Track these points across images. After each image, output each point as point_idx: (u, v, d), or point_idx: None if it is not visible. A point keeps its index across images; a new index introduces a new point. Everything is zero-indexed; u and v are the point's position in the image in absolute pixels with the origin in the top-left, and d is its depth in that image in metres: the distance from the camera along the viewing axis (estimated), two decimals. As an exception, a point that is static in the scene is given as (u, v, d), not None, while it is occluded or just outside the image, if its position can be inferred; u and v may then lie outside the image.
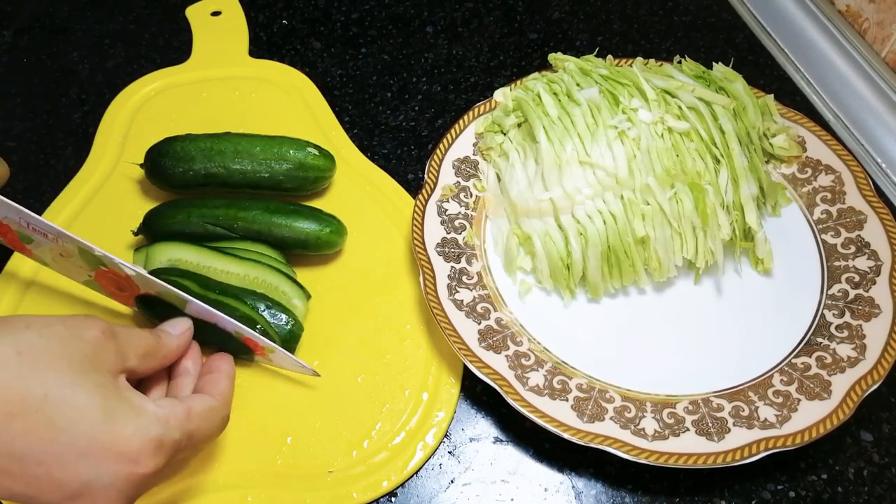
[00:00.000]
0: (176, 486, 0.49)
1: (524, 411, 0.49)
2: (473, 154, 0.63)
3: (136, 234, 0.60)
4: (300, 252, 0.59)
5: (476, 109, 0.65)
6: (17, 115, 0.72)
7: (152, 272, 0.55)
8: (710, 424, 0.49)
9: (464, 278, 0.56)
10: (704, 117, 0.57)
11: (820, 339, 0.53)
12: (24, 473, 0.37)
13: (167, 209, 0.59)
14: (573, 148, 0.56)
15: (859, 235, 0.58)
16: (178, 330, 0.48)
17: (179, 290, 0.49)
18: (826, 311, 0.55)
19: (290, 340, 0.53)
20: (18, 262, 0.59)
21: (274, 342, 0.52)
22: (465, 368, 0.54)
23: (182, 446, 0.41)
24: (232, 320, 0.50)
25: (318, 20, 0.81)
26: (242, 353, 0.52)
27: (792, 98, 0.73)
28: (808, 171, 0.62)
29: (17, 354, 0.38)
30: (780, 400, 0.50)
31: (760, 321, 0.56)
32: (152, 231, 0.59)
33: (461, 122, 0.64)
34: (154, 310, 0.52)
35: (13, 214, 0.48)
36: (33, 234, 0.50)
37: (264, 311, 0.53)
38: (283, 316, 0.53)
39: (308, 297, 0.56)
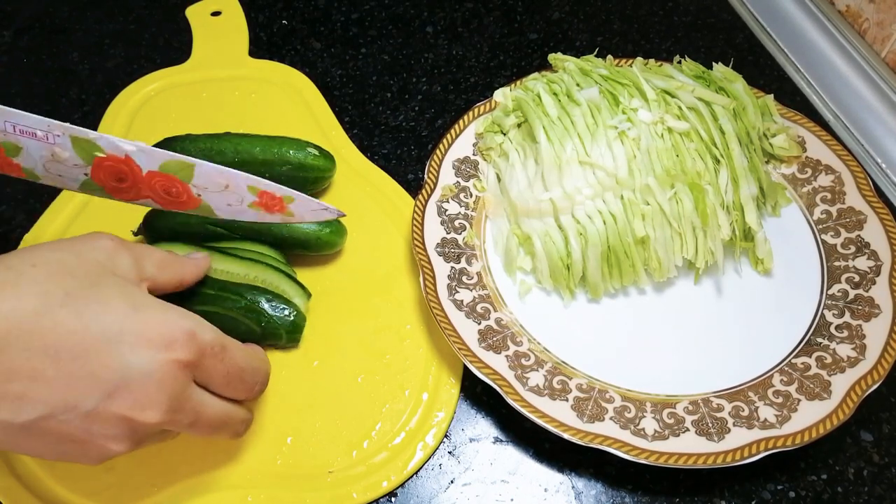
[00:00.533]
0: (176, 486, 0.49)
1: (524, 411, 0.49)
2: (473, 154, 0.63)
3: (135, 234, 0.60)
4: (300, 252, 0.59)
5: (476, 109, 0.65)
6: (17, 115, 0.72)
7: None
8: (710, 424, 0.49)
9: (464, 278, 0.56)
10: (704, 117, 0.57)
11: (820, 340, 0.54)
12: (60, 374, 0.36)
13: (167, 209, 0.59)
14: (573, 148, 0.56)
15: (859, 235, 0.58)
16: (194, 255, 0.47)
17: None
18: (826, 311, 0.55)
19: (293, 331, 0.53)
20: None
21: (279, 335, 0.51)
22: (465, 368, 0.54)
23: (216, 352, 0.40)
24: (244, 174, 0.47)
25: (318, 20, 0.81)
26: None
27: (792, 98, 0.74)
28: (807, 172, 0.62)
29: (32, 266, 0.37)
30: (780, 400, 0.50)
31: (760, 321, 0.56)
32: (152, 231, 0.59)
33: (461, 122, 0.64)
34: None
35: None
36: (21, 139, 0.46)
37: (265, 304, 0.53)
38: (286, 308, 0.53)
39: (308, 296, 0.56)
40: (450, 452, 0.52)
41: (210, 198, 0.48)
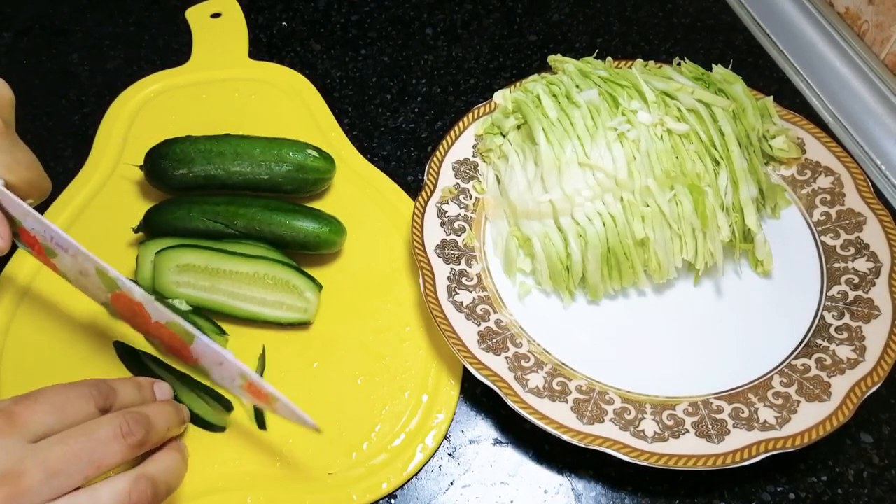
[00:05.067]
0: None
1: (524, 413, 0.49)
2: (473, 156, 0.63)
3: (136, 230, 0.60)
4: (300, 252, 0.59)
5: (476, 111, 0.65)
6: (17, 116, 0.71)
7: (159, 290, 0.55)
8: (710, 426, 0.49)
9: (463, 280, 0.56)
10: (704, 119, 0.57)
11: (819, 341, 0.54)
12: None
13: (167, 206, 0.59)
14: (573, 150, 0.56)
15: (859, 237, 0.58)
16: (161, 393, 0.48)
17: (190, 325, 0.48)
18: (826, 313, 0.55)
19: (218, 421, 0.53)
20: (16, 267, 0.59)
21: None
22: (465, 370, 0.54)
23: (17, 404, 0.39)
24: (238, 363, 0.47)
25: (317, 22, 0.81)
26: (215, 425, 0.52)
27: (791, 100, 0.74)
28: (807, 173, 0.62)
29: None
30: (779, 402, 0.50)
31: (760, 323, 0.56)
32: (153, 228, 0.59)
33: (461, 123, 0.64)
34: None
35: (40, 227, 0.48)
36: (56, 249, 0.49)
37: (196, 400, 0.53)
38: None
39: (319, 287, 0.56)
40: (449, 454, 0.52)
41: (206, 365, 0.49)
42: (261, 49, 0.78)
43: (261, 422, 0.52)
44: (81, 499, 0.37)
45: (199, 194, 0.61)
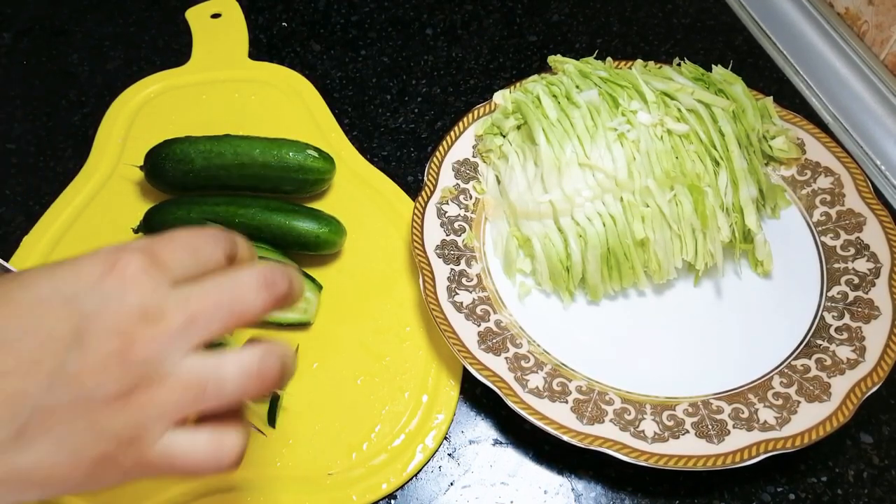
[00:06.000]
0: (175, 489, 0.49)
1: (524, 413, 0.49)
2: (473, 156, 0.63)
3: (136, 231, 0.60)
4: (299, 252, 0.59)
5: (475, 112, 0.65)
6: (17, 117, 0.72)
7: None
8: (710, 426, 0.49)
9: (463, 280, 0.56)
10: (704, 119, 0.57)
11: (819, 341, 0.53)
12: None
13: (167, 206, 0.59)
14: (572, 150, 0.56)
15: (858, 237, 0.58)
16: None
17: None
18: (826, 313, 0.55)
19: None
20: (16, 266, 0.59)
21: None
22: (465, 371, 0.54)
23: (164, 242, 0.34)
24: None
25: (317, 23, 0.81)
26: None
27: (791, 100, 0.74)
28: (807, 174, 0.62)
29: None
30: (779, 402, 0.50)
31: (760, 323, 0.56)
32: (153, 228, 0.59)
33: (461, 124, 0.64)
34: None
35: None
36: None
37: None
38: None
39: (319, 287, 0.56)
40: (449, 454, 0.52)
41: None
42: (261, 49, 0.78)
43: (272, 420, 0.52)
44: (209, 362, 0.33)
45: (199, 194, 0.61)
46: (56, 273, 0.33)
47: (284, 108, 0.72)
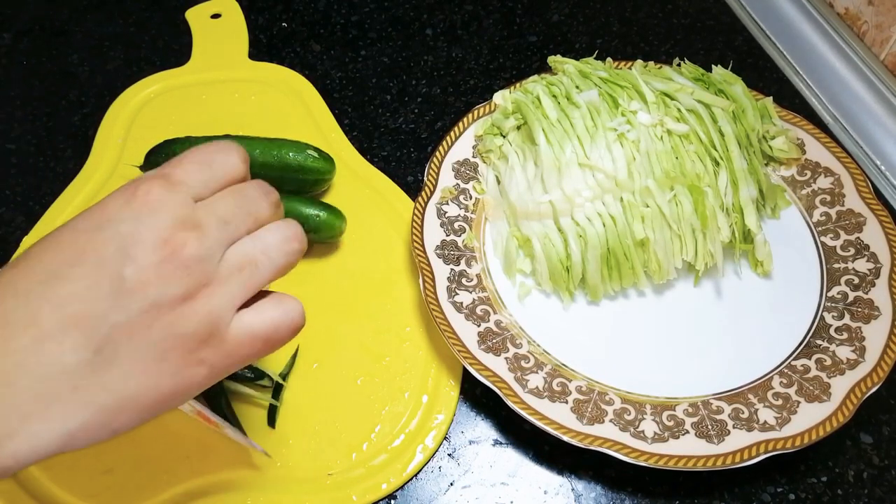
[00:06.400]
0: (174, 489, 0.49)
1: (524, 414, 0.49)
2: (473, 156, 0.63)
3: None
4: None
5: (475, 112, 0.65)
6: (17, 117, 0.72)
7: None
8: (710, 427, 0.49)
9: (463, 280, 0.56)
10: (704, 120, 0.57)
11: (819, 342, 0.54)
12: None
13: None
14: (572, 150, 0.56)
15: (858, 238, 0.58)
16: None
17: None
18: (825, 314, 0.55)
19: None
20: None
21: None
22: (465, 371, 0.54)
23: (197, 160, 0.37)
24: None
25: (317, 23, 0.81)
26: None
27: (791, 100, 0.74)
28: (807, 174, 0.62)
29: None
30: (779, 402, 0.50)
31: (760, 323, 0.56)
32: None
33: (460, 124, 0.64)
34: None
35: None
36: None
37: None
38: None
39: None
40: (449, 455, 0.52)
41: None
42: (261, 50, 0.78)
43: (272, 420, 0.52)
44: (249, 243, 0.37)
45: None
46: (85, 213, 0.35)
47: (284, 108, 0.72)
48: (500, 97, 0.65)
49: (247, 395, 0.53)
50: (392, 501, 0.50)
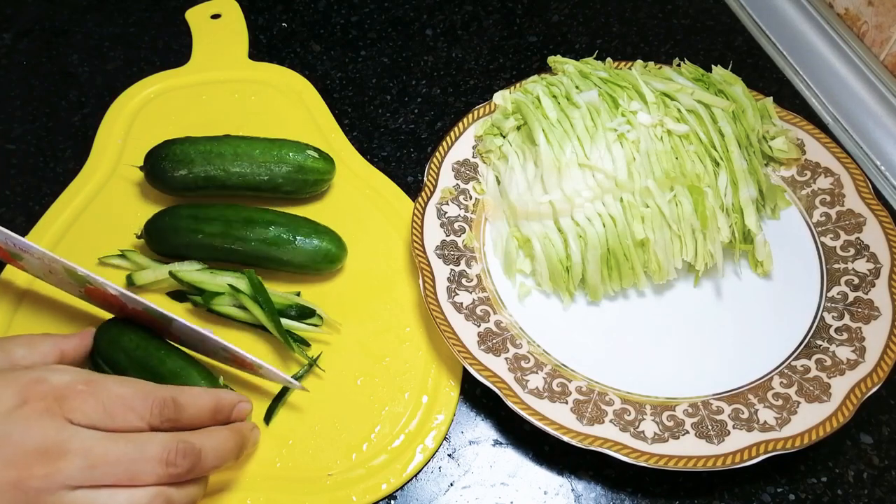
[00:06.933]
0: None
1: (524, 414, 0.49)
2: (473, 157, 0.63)
3: (139, 237, 0.59)
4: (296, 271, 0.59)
5: (475, 112, 0.65)
6: (17, 117, 0.72)
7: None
8: (710, 427, 0.49)
9: (463, 281, 0.56)
10: (704, 120, 0.57)
11: (819, 342, 0.54)
12: None
13: (165, 229, 0.58)
14: (572, 151, 0.56)
15: (858, 238, 0.58)
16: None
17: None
18: (825, 314, 0.55)
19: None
20: (13, 273, 0.59)
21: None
22: (465, 371, 0.54)
23: (78, 390, 0.39)
24: (218, 339, 0.50)
25: (317, 23, 0.81)
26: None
27: (791, 101, 0.74)
28: (807, 174, 0.62)
29: None
30: (779, 402, 0.50)
31: (760, 323, 0.56)
32: (154, 234, 0.58)
33: (460, 124, 0.64)
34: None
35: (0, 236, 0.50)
36: (22, 253, 0.51)
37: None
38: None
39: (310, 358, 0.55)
40: (449, 455, 0.52)
41: (190, 342, 0.52)
42: (261, 50, 0.78)
43: (268, 418, 0.52)
44: (98, 500, 0.38)
45: (195, 202, 0.60)
46: None
47: (284, 108, 0.72)
48: (500, 97, 0.65)
49: (298, 329, 0.55)
50: (392, 502, 0.50)
